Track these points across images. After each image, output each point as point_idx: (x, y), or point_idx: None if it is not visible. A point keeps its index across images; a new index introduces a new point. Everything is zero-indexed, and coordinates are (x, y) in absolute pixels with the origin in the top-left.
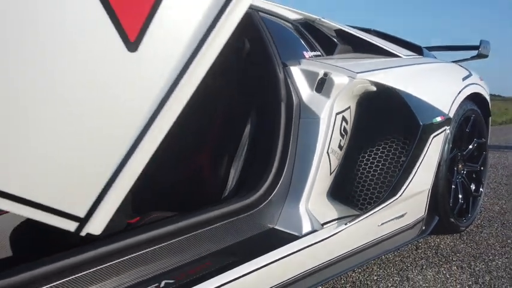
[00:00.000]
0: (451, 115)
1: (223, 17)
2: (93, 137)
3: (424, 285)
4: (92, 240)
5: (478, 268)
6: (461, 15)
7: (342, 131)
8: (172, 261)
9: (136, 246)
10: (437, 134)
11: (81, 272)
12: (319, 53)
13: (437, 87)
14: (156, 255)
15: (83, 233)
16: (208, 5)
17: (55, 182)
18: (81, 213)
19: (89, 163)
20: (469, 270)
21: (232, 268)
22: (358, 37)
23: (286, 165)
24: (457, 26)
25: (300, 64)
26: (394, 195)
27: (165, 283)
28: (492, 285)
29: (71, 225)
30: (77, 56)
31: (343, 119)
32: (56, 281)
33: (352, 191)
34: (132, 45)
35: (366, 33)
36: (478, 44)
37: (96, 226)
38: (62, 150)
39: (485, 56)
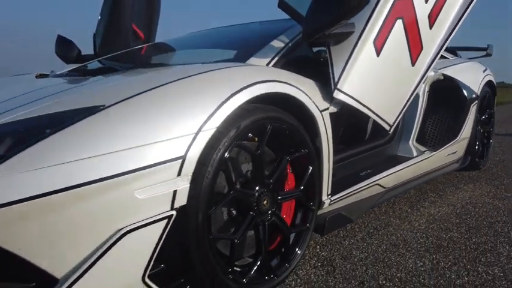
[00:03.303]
0: (478, 94)
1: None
2: (404, 88)
3: (468, 189)
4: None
5: (496, 183)
6: None
7: (427, 101)
8: (363, 165)
9: (351, 156)
10: (474, 105)
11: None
12: None
13: (470, 76)
14: (358, 161)
15: (389, 132)
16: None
17: (388, 103)
18: (391, 122)
19: (399, 97)
20: (492, 183)
21: (384, 171)
22: None
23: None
24: None
25: None
26: (455, 137)
27: (367, 171)
28: (506, 188)
29: (386, 127)
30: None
31: (428, 95)
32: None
33: (426, 137)
34: (413, 64)
35: None
36: (485, 46)
37: (392, 130)
38: (391, 88)
39: (491, 55)
